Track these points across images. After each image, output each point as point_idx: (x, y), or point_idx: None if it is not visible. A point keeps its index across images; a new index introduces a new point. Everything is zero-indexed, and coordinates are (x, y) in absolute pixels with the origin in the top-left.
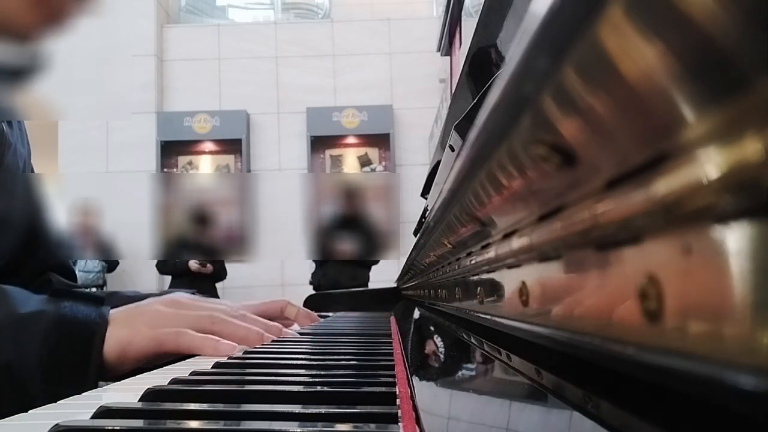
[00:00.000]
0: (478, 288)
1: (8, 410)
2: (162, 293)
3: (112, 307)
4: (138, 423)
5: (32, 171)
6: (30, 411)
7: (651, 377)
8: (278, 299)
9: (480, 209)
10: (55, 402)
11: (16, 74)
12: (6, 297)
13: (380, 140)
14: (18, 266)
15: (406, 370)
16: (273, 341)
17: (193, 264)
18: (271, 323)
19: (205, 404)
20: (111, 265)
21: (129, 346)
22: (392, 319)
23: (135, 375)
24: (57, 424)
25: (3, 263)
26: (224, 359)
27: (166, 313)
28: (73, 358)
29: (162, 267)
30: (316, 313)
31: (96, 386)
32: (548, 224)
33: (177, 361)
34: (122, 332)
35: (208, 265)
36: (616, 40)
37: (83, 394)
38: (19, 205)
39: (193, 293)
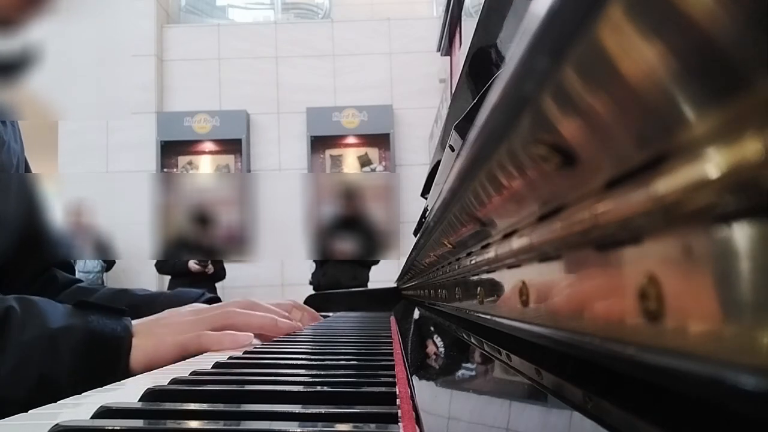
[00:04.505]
0: (478, 288)
1: None
2: (171, 294)
3: (126, 306)
4: (138, 423)
5: (27, 168)
6: (30, 411)
7: (651, 377)
8: (286, 301)
9: (480, 209)
10: None
11: (6, 69)
12: (38, 310)
13: (380, 140)
14: (19, 265)
15: (406, 370)
16: (273, 341)
17: (193, 265)
18: (284, 318)
19: (205, 404)
20: (108, 264)
21: (155, 355)
22: (392, 319)
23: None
24: (57, 424)
25: (2, 262)
26: (224, 359)
27: (184, 320)
28: (103, 369)
29: (161, 267)
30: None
31: None
32: (548, 224)
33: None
34: (148, 343)
35: (210, 266)
36: (616, 40)
37: (83, 393)
38: (14, 203)
39: (202, 294)
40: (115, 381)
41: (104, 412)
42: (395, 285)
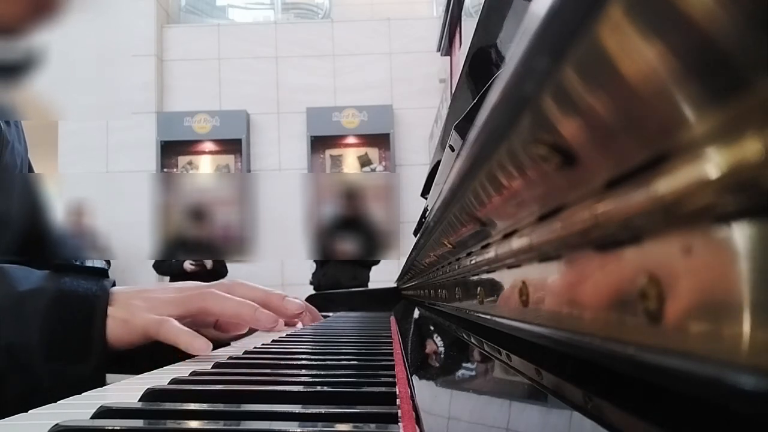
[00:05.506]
0: (478, 288)
1: (15, 391)
2: None
3: None
4: (138, 423)
5: (30, 168)
6: (30, 411)
7: (651, 377)
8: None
9: (480, 209)
10: (62, 381)
11: (10, 71)
12: (5, 276)
13: (380, 140)
14: (22, 266)
15: (406, 370)
16: (273, 341)
17: (188, 265)
18: (274, 293)
19: (205, 404)
20: (107, 264)
21: (123, 330)
22: (392, 319)
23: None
24: (57, 424)
25: (5, 263)
26: (224, 359)
27: (164, 297)
28: (75, 334)
29: (159, 267)
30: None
31: (103, 363)
32: (548, 224)
33: (177, 361)
34: (121, 315)
35: (209, 261)
36: (616, 40)
37: (83, 394)
38: (18, 204)
39: None
40: (91, 346)
41: (104, 412)
42: (395, 285)
